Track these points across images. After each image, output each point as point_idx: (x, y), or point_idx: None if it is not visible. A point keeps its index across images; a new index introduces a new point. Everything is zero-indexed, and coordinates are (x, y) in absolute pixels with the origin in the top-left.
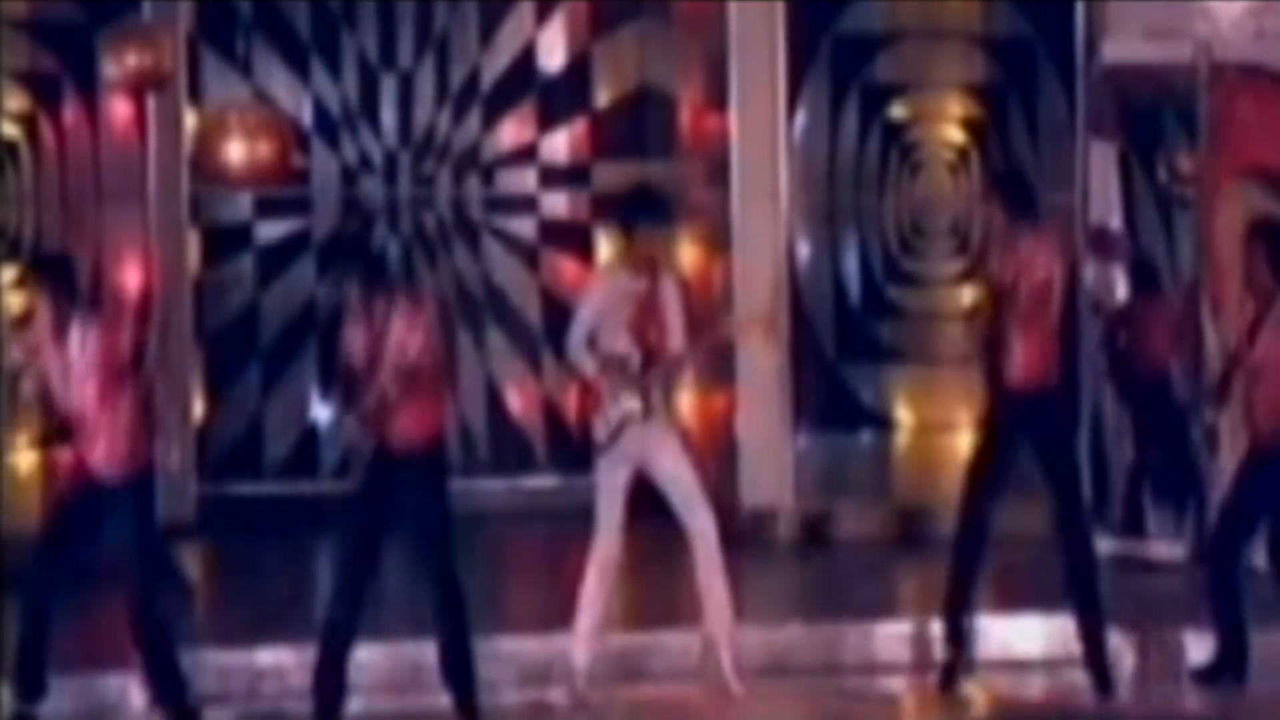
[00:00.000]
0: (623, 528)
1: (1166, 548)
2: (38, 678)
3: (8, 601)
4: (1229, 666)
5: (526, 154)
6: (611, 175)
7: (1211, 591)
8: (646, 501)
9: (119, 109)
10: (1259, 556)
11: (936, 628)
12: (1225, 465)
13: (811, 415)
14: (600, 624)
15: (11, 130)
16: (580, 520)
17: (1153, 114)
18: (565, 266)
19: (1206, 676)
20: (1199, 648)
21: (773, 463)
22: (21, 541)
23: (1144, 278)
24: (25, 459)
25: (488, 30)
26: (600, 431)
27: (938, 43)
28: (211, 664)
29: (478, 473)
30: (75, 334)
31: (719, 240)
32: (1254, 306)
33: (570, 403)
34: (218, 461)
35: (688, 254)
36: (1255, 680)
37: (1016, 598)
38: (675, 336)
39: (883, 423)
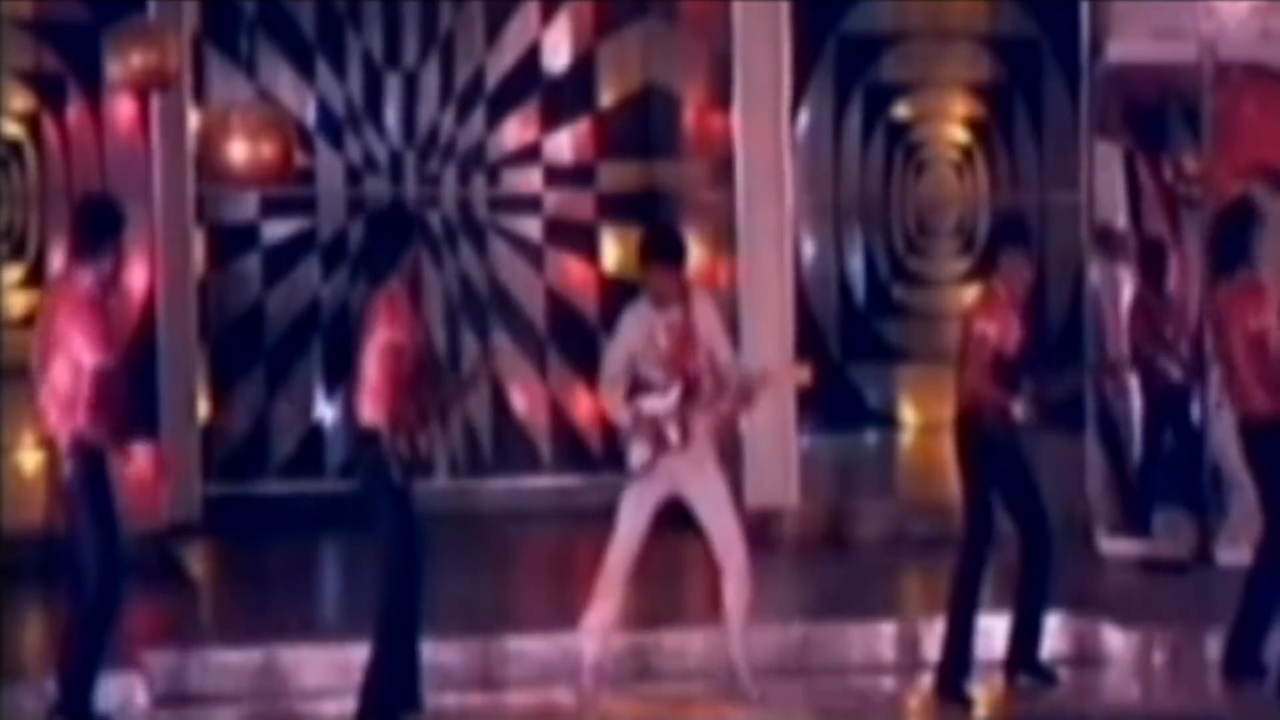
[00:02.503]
0: (641, 541)
1: (1175, 548)
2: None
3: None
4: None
5: (531, 153)
6: (617, 175)
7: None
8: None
9: (123, 109)
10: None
11: (941, 628)
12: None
13: (817, 415)
14: (612, 622)
15: (16, 130)
16: (584, 520)
17: (1158, 113)
18: (570, 266)
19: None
20: (1203, 649)
21: (778, 462)
22: (22, 541)
23: (1151, 272)
24: (27, 459)
25: (493, 30)
26: (635, 458)
27: (943, 42)
28: (217, 663)
29: (482, 472)
30: None
31: (724, 240)
32: None
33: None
34: (223, 461)
35: (693, 254)
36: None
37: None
38: (723, 357)
39: (888, 422)
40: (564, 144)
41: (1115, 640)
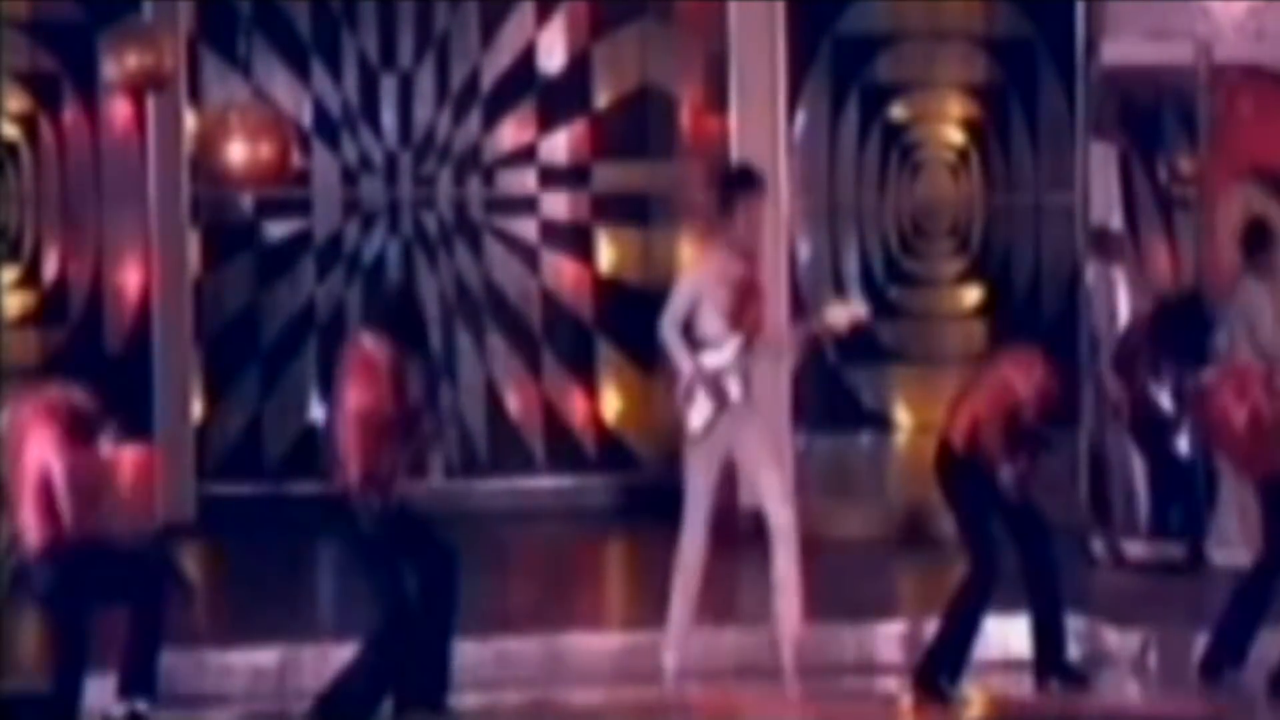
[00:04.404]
0: (708, 530)
1: (1175, 548)
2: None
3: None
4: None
5: (527, 154)
6: (612, 176)
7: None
8: (649, 504)
9: (119, 109)
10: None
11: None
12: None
13: (812, 416)
14: (689, 626)
15: (11, 131)
16: (580, 521)
17: (1153, 114)
18: (566, 267)
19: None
20: (1197, 650)
21: None
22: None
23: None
24: None
25: (488, 31)
26: (695, 420)
27: (938, 43)
28: (211, 664)
29: (477, 473)
30: None
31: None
32: None
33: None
34: (218, 461)
35: (688, 254)
36: (1254, 679)
37: (1016, 598)
38: (776, 317)
39: (883, 423)
40: (559, 145)
41: (1110, 641)
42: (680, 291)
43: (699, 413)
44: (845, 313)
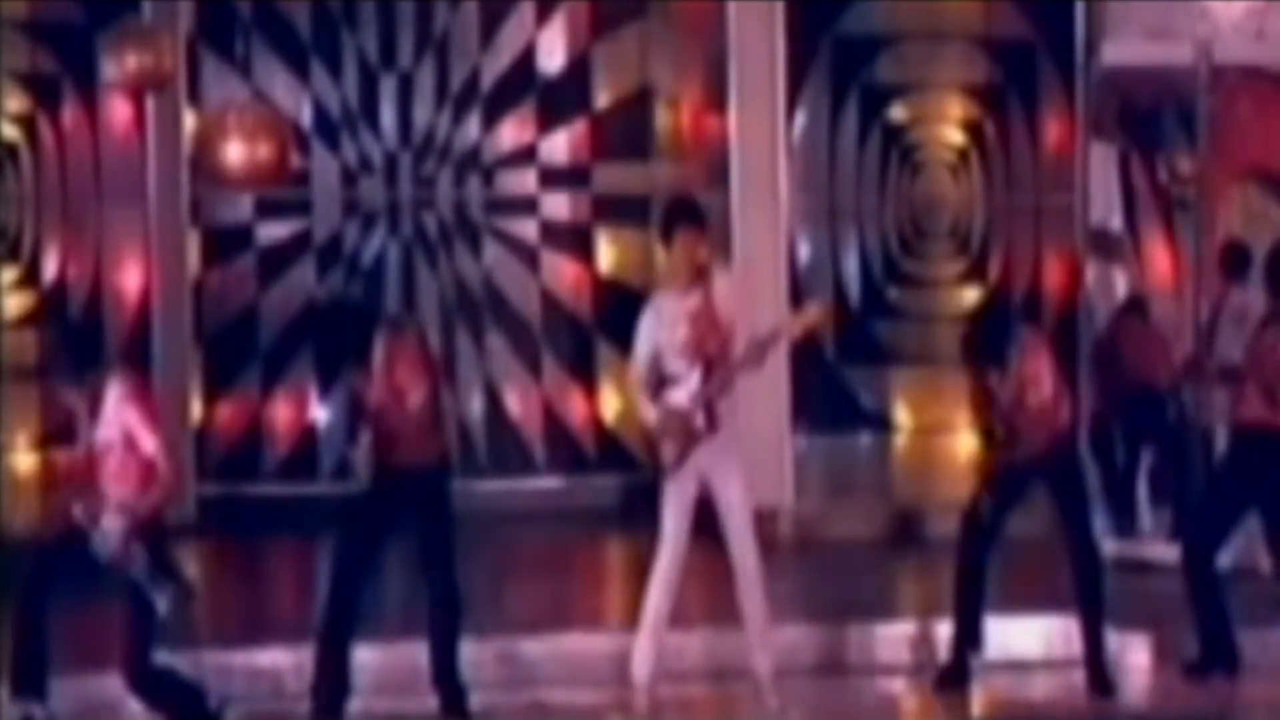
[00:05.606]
0: (688, 544)
1: (1163, 548)
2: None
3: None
4: (1219, 662)
5: (527, 155)
6: (612, 176)
7: (1193, 586)
8: (649, 504)
9: (119, 110)
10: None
11: (936, 629)
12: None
13: (811, 416)
14: (660, 641)
15: (11, 131)
16: (578, 522)
17: (1153, 115)
18: (566, 268)
19: (1196, 672)
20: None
21: (772, 464)
22: (21, 541)
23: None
24: (25, 459)
25: (488, 31)
26: (666, 455)
27: (938, 44)
28: (211, 664)
29: (477, 474)
30: None
31: (719, 241)
32: None
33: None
34: (218, 462)
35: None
36: (1254, 680)
37: (1016, 598)
38: (736, 340)
39: (882, 424)
40: (559, 145)
41: (1110, 641)
42: (641, 341)
43: (668, 451)
44: (799, 322)
